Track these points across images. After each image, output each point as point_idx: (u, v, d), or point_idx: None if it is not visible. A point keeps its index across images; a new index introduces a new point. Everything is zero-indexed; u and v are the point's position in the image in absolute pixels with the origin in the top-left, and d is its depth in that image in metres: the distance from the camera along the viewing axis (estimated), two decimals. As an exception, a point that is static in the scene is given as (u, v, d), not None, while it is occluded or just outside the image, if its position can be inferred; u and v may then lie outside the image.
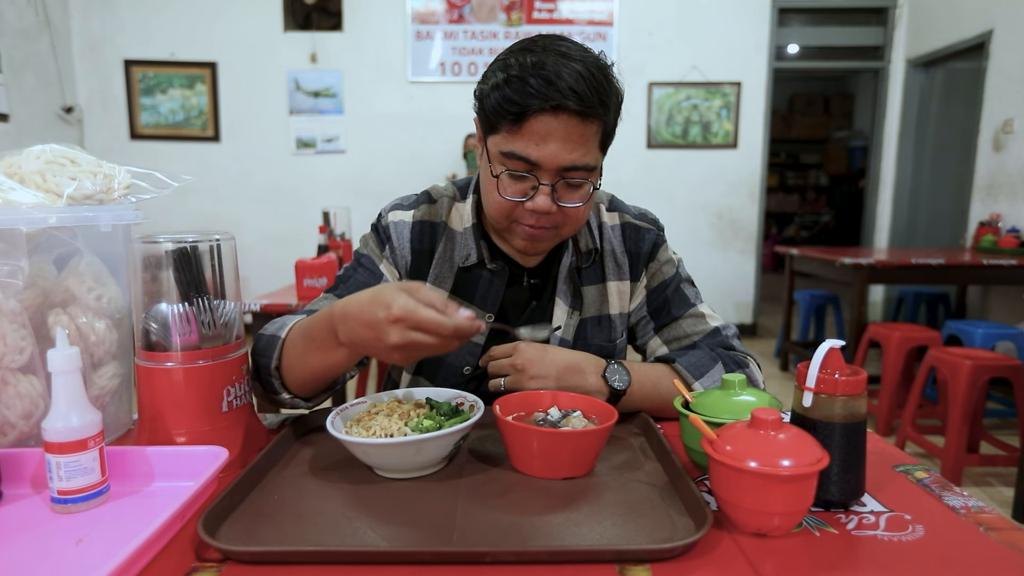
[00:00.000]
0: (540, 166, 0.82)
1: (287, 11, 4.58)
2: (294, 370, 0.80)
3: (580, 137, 0.81)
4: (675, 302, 1.00)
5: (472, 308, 0.68)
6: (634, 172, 4.80)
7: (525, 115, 0.79)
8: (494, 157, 0.85)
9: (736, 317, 5.03)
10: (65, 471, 0.60)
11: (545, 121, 0.80)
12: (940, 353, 2.46)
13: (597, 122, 0.82)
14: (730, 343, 0.97)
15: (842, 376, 0.61)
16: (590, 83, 0.79)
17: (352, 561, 0.52)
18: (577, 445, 0.68)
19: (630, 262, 1.01)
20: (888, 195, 4.94)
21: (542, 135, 0.80)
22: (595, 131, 0.83)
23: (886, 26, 4.81)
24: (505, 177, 0.84)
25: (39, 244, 0.75)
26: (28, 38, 4.07)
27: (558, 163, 0.81)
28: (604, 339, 1.00)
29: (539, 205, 0.84)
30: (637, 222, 1.03)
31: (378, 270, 0.96)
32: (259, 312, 2.06)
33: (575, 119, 0.80)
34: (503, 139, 0.83)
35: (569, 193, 0.86)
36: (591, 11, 4.63)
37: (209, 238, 0.73)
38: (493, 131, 0.85)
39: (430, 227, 0.98)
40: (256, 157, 4.68)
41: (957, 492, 0.66)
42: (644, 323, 1.02)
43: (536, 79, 0.78)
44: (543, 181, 0.83)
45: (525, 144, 0.81)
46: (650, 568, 0.52)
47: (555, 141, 0.80)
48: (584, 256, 0.99)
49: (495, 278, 0.96)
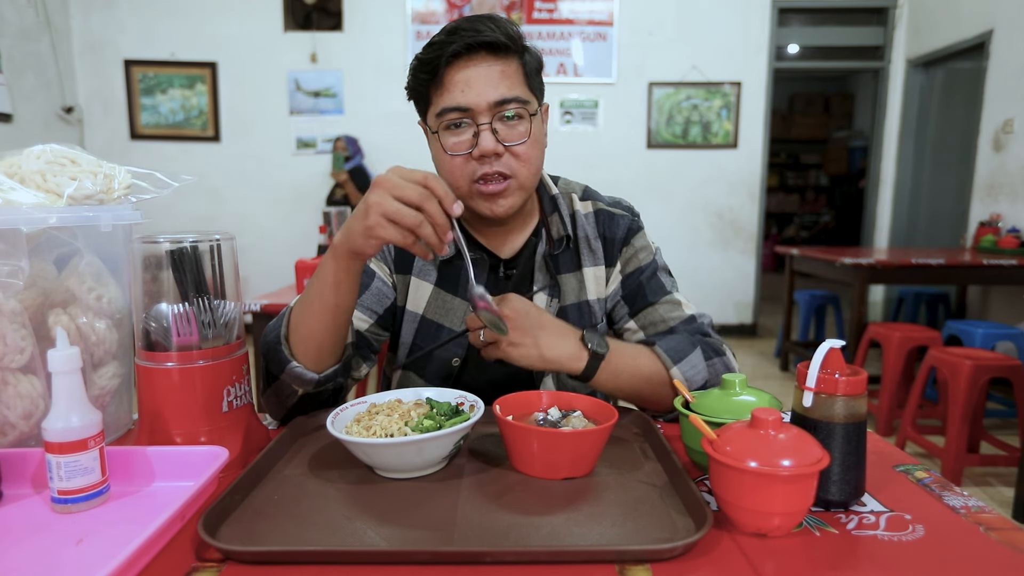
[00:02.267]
0: (472, 108, 0.85)
1: (287, 11, 4.58)
2: (299, 329, 0.81)
3: (500, 73, 0.85)
4: (650, 288, 1.00)
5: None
6: (634, 172, 4.80)
7: (440, 66, 0.84)
8: (432, 124, 0.89)
9: (736, 317, 5.04)
10: (65, 471, 0.60)
11: (462, 66, 0.84)
12: (940, 353, 2.46)
13: (514, 58, 0.87)
14: (706, 331, 0.97)
15: (842, 376, 0.61)
16: (496, 24, 0.84)
17: (352, 561, 0.52)
18: (577, 445, 0.68)
19: (604, 247, 1.02)
20: (888, 195, 4.94)
21: (464, 80, 0.84)
22: (515, 68, 0.87)
23: (886, 26, 4.81)
24: (444, 132, 0.87)
25: (39, 244, 0.75)
26: (28, 38, 4.08)
27: (487, 99, 0.84)
28: (585, 325, 1.00)
29: (485, 146, 0.85)
30: (610, 208, 1.03)
31: (369, 268, 0.98)
32: (259, 312, 2.06)
33: (489, 56, 0.85)
34: (434, 105, 0.87)
35: (510, 131, 0.87)
36: (591, 11, 4.63)
37: (209, 238, 0.73)
38: (427, 105, 0.89)
39: None
40: (256, 157, 4.69)
41: (957, 492, 0.66)
42: (619, 308, 1.02)
43: (444, 35, 0.84)
44: (480, 122, 0.85)
45: (451, 94, 0.85)
46: (650, 568, 0.52)
47: (477, 81, 0.84)
48: (556, 243, 0.99)
49: (475, 268, 0.96)
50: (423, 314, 0.99)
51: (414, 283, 0.99)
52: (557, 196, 1.01)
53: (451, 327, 0.98)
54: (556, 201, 1.01)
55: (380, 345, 1.00)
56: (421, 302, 0.99)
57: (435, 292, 0.98)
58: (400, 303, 1.00)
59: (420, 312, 0.99)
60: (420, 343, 0.99)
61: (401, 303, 1.00)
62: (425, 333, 0.99)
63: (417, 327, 0.99)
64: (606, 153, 4.75)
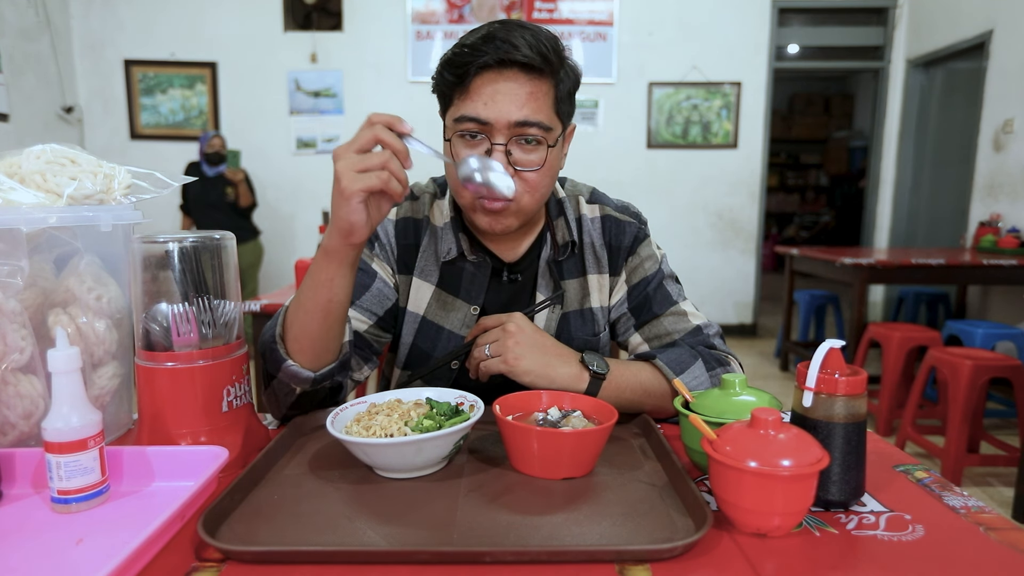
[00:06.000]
0: (490, 124, 0.81)
1: (287, 11, 4.58)
2: (294, 327, 0.79)
3: (528, 94, 0.81)
4: (656, 299, 0.98)
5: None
6: (634, 172, 4.80)
7: (469, 73, 0.80)
8: (448, 128, 0.86)
9: (736, 317, 5.04)
10: (65, 471, 0.60)
11: (491, 78, 0.80)
12: (940, 353, 2.46)
13: (547, 81, 0.83)
14: (711, 342, 0.96)
15: (842, 376, 0.61)
16: (536, 41, 0.80)
17: (352, 561, 0.52)
18: (577, 445, 0.68)
19: (609, 256, 1.00)
20: (888, 195, 4.94)
21: (490, 93, 0.81)
22: (546, 90, 0.83)
23: (886, 26, 4.81)
24: (457, 141, 0.84)
25: (39, 244, 0.75)
26: (28, 38, 4.08)
27: (508, 118, 0.81)
28: (588, 333, 1.00)
29: None
30: (617, 215, 1.01)
31: (371, 268, 0.97)
32: (259, 312, 2.07)
33: (522, 75, 0.80)
34: (455, 108, 0.84)
35: (524, 155, 0.84)
36: (591, 11, 4.63)
37: (209, 238, 0.73)
38: (448, 106, 0.86)
39: (413, 223, 0.99)
40: (256, 157, 4.68)
41: (957, 492, 0.66)
42: (625, 320, 1.00)
43: (480, 40, 0.80)
44: (496, 140, 0.82)
45: (474, 104, 0.81)
46: (650, 568, 0.52)
47: (503, 97, 0.80)
48: (561, 248, 0.98)
49: (477, 271, 0.97)
50: (424, 315, 0.98)
51: (415, 283, 0.98)
52: (564, 200, 1.00)
53: (451, 329, 0.97)
54: (563, 205, 1.00)
55: (382, 347, 0.99)
56: (422, 303, 0.98)
57: (436, 293, 0.98)
58: (402, 304, 0.99)
59: (420, 313, 0.98)
60: (420, 344, 0.99)
61: (402, 304, 0.99)
62: (425, 335, 0.98)
63: (417, 328, 0.99)
64: (606, 153, 4.75)
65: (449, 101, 0.85)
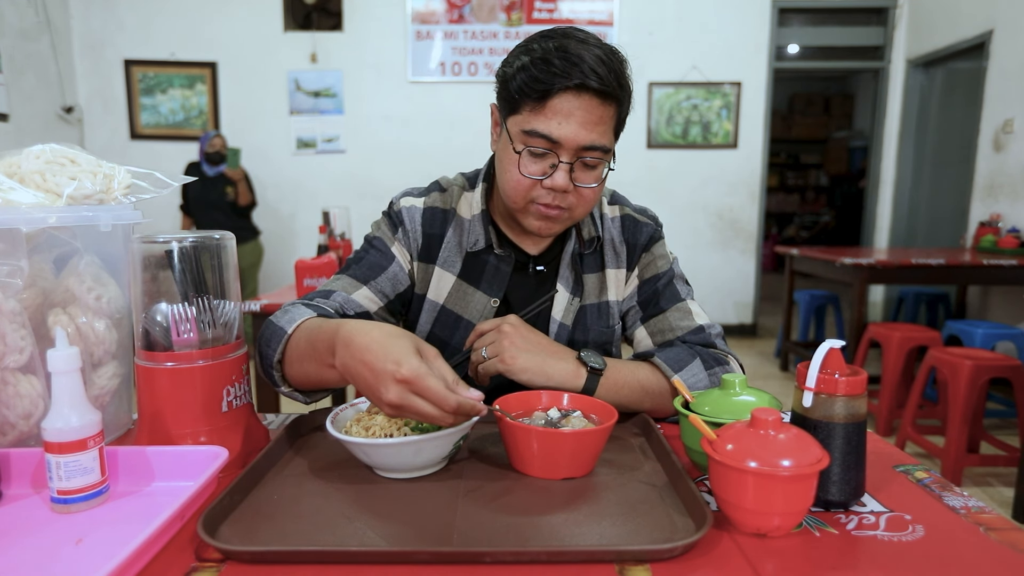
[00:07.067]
0: (561, 144, 0.84)
1: (287, 11, 4.58)
2: (294, 368, 0.80)
3: (599, 118, 0.84)
4: (665, 295, 1.01)
5: (469, 397, 0.66)
6: (634, 172, 4.80)
7: (549, 93, 0.82)
8: (515, 136, 0.87)
9: (736, 317, 5.04)
10: (65, 471, 0.60)
11: (567, 100, 0.82)
12: (940, 353, 2.46)
13: (614, 105, 0.86)
14: (712, 341, 0.97)
15: (842, 376, 0.61)
16: (609, 66, 0.82)
17: (352, 561, 0.52)
18: (577, 445, 0.68)
19: (627, 251, 1.04)
20: (888, 195, 4.94)
21: (564, 114, 0.83)
22: (612, 114, 0.86)
23: (886, 26, 4.81)
24: (526, 154, 0.87)
25: (39, 244, 0.75)
26: (28, 38, 4.08)
27: (578, 142, 0.84)
28: (603, 325, 1.03)
29: (557, 183, 0.85)
30: (636, 215, 1.05)
31: (390, 251, 0.98)
32: (259, 312, 2.07)
33: (595, 100, 0.83)
34: (525, 118, 0.85)
35: (585, 174, 0.88)
36: (591, 11, 4.63)
37: (209, 238, 0.73)
38: (515, 111, 0.87)
39: (441, 213, 1.01)
40: (256, 157, 4.68)
41: (957, 492, 0.66)
42: (633, 313, 1.03)
43: (560, 60, 0.81)
44: (563, 159, 0.85)
45: (547, 122, 0.83)
46: (650, 568, 0.52)
47: (576, 120, 0.83)
48: (587, 243, 1.01)
49: (501, 264, 0.99)
50: (443, 304, 1.00)
51: (437, 273, 1.00)
52: None
53: (470, 319, 0.99)
54: None
55: None
56: (443, 292, 1.00)
57: (457, 283, 1.00)
58: (420, 291, 1.01)
59: (440, 302, 1.00)
60: (438, 332, 1.00)
61: (421, 291, 1.01)
62: (444, 323, 1.00)
63: (436, 316, 1.00)
64: (606, 153, 4.74)
65: (517, 108, 0.86)
